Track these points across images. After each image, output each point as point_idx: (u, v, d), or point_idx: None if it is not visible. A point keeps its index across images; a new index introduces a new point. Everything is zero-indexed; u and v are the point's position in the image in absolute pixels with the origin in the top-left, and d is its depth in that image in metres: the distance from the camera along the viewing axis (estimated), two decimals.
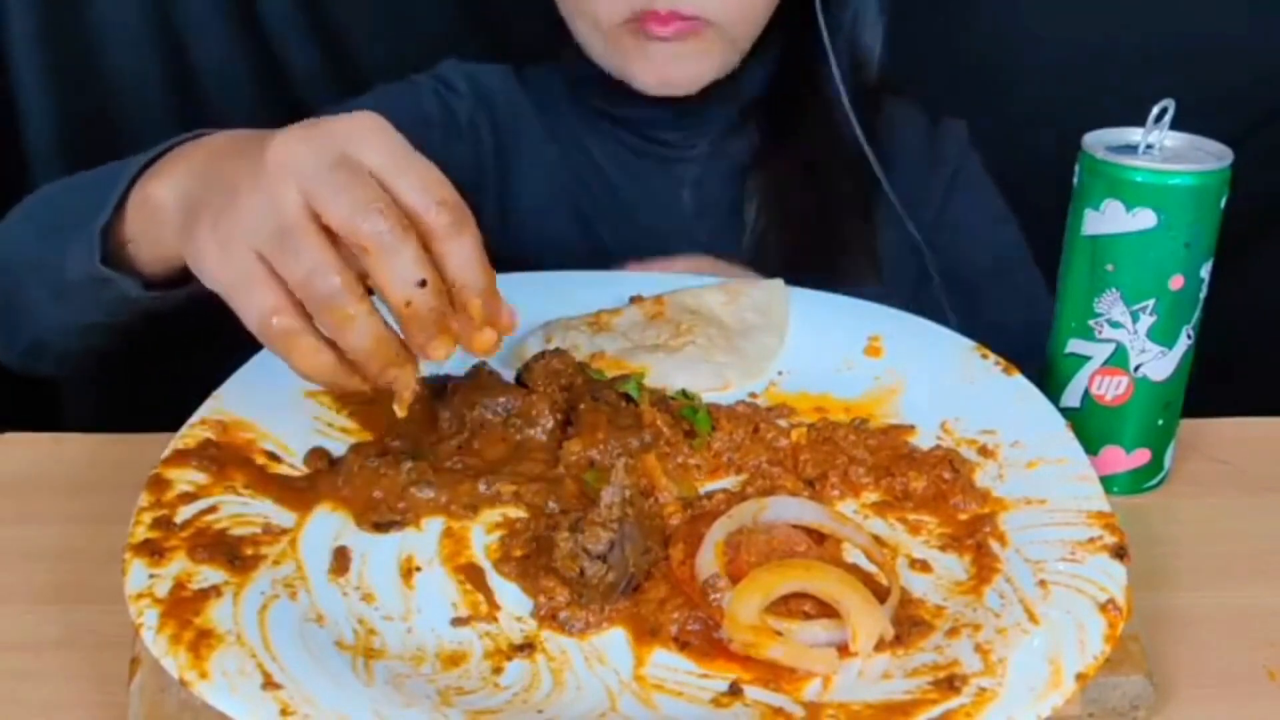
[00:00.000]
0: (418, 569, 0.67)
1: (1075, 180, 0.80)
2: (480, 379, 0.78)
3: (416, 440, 0.76)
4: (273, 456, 0.73)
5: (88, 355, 0.90)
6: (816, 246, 1.05)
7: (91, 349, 0.89)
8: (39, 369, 0.94)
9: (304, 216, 0.62)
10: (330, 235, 0.62)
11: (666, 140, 1.09)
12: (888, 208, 1.04)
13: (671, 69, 1.00)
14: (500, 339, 0.67)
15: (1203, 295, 0.79)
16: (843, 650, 0.62)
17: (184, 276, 0.73)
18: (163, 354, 0.89)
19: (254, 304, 0.63)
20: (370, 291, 0.63)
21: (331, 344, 0.64)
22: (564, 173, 1.10)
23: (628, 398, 0.78)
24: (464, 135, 1.11)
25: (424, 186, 0.63)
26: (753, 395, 0.82)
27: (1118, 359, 0.80)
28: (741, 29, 1.01)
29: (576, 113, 1.11)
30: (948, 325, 0.86)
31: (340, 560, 0.67)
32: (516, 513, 0.71)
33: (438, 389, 0.79)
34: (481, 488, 0.71)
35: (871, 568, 0.68)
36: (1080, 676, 0.59)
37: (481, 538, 0.69)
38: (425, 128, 1.08)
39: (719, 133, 1.09)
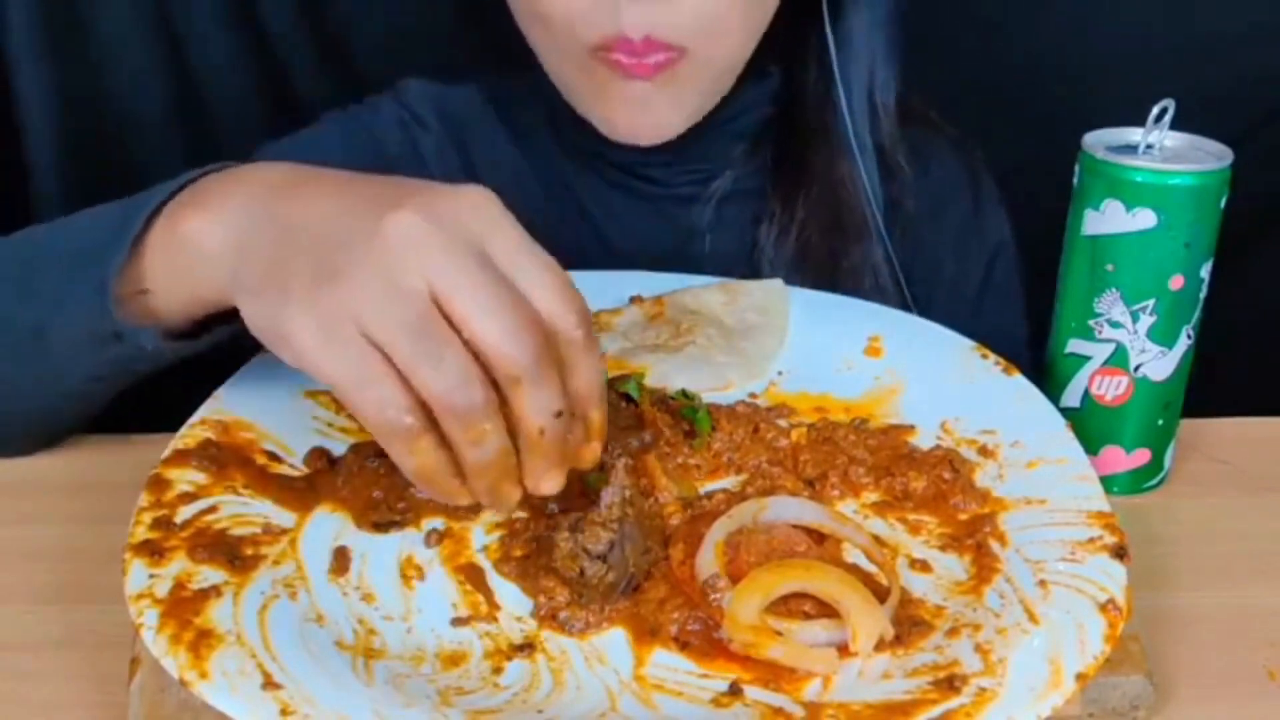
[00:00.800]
0: (418, 569, 0.67)
1: (1075, 180, 0.80)
2: None
3: None
4: (273, 456, 0.73)
5: (36, 425, 0.82)
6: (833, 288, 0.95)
7: (50, 419, 0.81)
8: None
9: (439, 318, 0.57)
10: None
11: (655, 179, 0.99)
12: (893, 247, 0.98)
13: (640, 115, 0.87)
14: (600, 449, 0.66)
15: (1203, 295, 0.79)
16: (842, 650, 0.62)
17: (203, 323, 0.68)
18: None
19: (375, 400, 0.58)
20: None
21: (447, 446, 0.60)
22: (548, 214, 0.99)
23: (628, 398, 0.78)
24: (432, 172, 1.00)
25: (560, 292, 0.60)
26: (753, 395, 0.82)
27: (1118, 359, 0.80)
28: (722, 59, 0.89)
29: (558, 144, 1.01)
30: None
31: (340, 560, 0.67)
32: (517, 512, 0.71)
33: None
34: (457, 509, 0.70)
35: (871, 568, 0.68)
36: (1080, 676, 0.59)
37: (481, 538, 0.69)
38: (387, 164, 0.91)
39: (721, 171, 0.99)
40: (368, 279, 0.57)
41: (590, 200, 1.01)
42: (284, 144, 1.00)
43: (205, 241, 0.64)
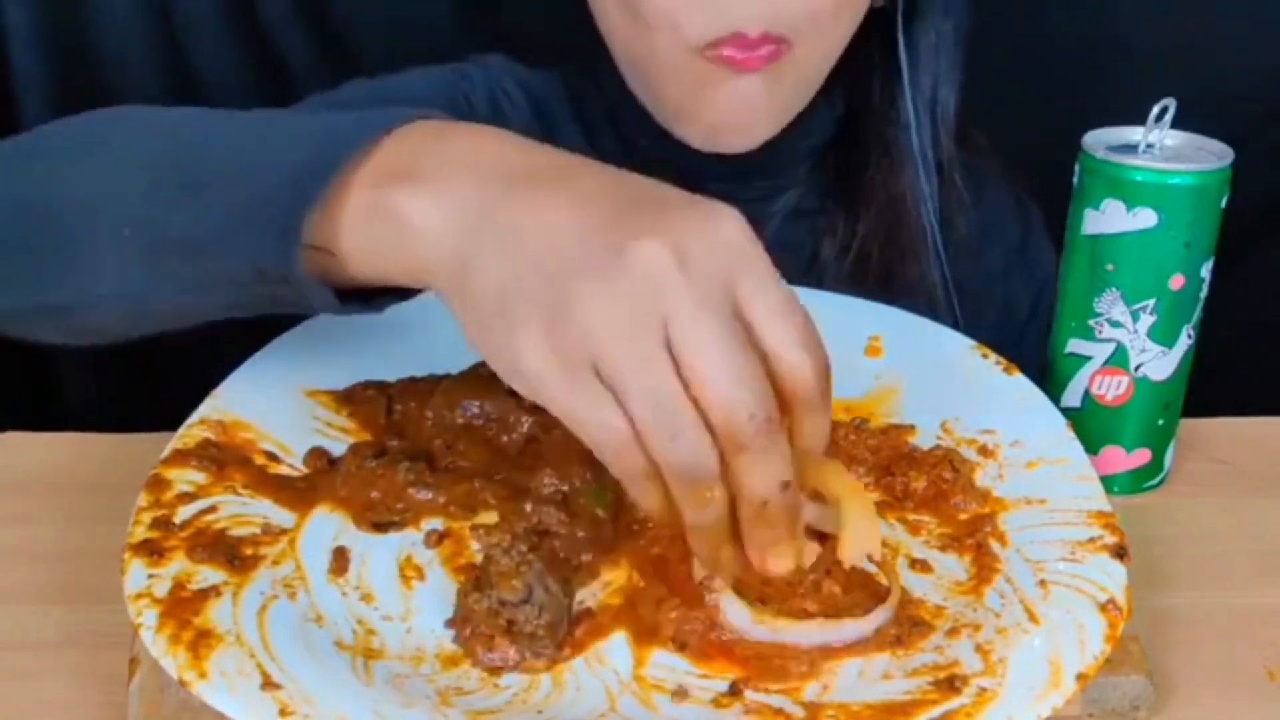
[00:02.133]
0: (417, 569, 0.67)
1: (1075, 180, 0.80)
2: (469, 379, 0.78)
3: (414, 440, 0.76)
4: (272, 456, 0.73)
5: (110, 334, 0.73)
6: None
7: (133, 329, 0.72)
8: (24, 329, 0.74)
9: (677, 382, 0.53)
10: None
11: (718, 193, 0.97)
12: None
13: (745, 114, 0.85)
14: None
15: (1203, 295, 0.79)
16: (839, 652, 0.62)
17: (373, 293, 0.63)
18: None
19: (614, 435, 0.55)
20: None
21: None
22: None
23: None
24: None
25: (807, 349, 0.56)
26: None
27: (1118, 359, 0.80)
28: (821, 55, 0.88)
29: (620, 148, 0.96)
30: None
31: (339, 560, 0.67)
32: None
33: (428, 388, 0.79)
34: (456, 511, 0.70)
35: (871, 568, 0.68)
36: (1080, 677, 0.59)
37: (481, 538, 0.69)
38: None
39: (785, 188, 0.97)
40: (606, 317, 0.53)
41: None
42: (366, 85, 0.96)
43: (421, 224, 0.58)
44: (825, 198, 0.99)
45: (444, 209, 0.57)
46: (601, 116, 0.98)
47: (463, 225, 0.57)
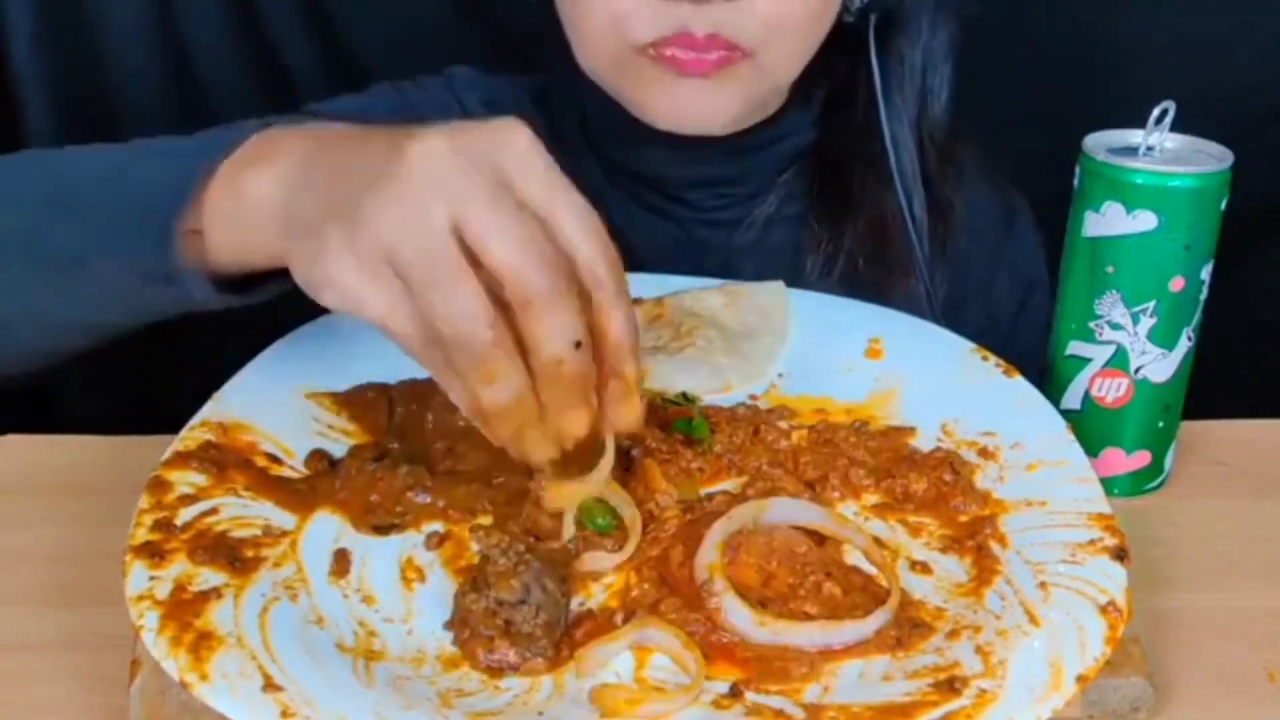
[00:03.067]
0: (418, 571, 0.67)
1: (1075, 182, 0.80)
2: None
3: (415, 443, 0.76)
4: (273, 459, 0.73)
5: (49, 356, 0.80)
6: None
7: (61, 351, 0.79)
8: None
9: (455, 250, 0.56)
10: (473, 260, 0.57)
11: (689, 201, 0.96)
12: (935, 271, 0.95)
13: (690, 104, 0.84)
14: (625, 386, 0.62)
15: (1203, 297, 0.79)
16: (839, 653, 0.62)
17: (248, 279, 0.68)
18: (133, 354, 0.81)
19: (404, 330, 0.58)
20: None
21: None
22: None
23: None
24: None
25: (591, 233, 0.59)
26: (753, 397, 0.82)
27: (1118, 361, 0.80)
28: (786, 62, 0.87)
29: (592, 154, 0.97)
30: None
31: (340, 562, 0.67)
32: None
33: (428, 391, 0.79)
34: (455, 515, 0.71)
35: (872, 570, 0.68)
36: (1081, 678, 0.59)
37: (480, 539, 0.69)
38: None
39: (759, 197, 0.96)
40: (391, 208, 0.57)
41: (620, 217, 0.95)
42: (330, 106, 0.98)
43: (259, 198, 0.64)
44: (809, 207, 0.97)
45: (278, 178, 0.64)
46: (574, 125, 0.98)
47: (290, 185, 0.63)
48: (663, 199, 0.96)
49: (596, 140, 0.97)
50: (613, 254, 0.59)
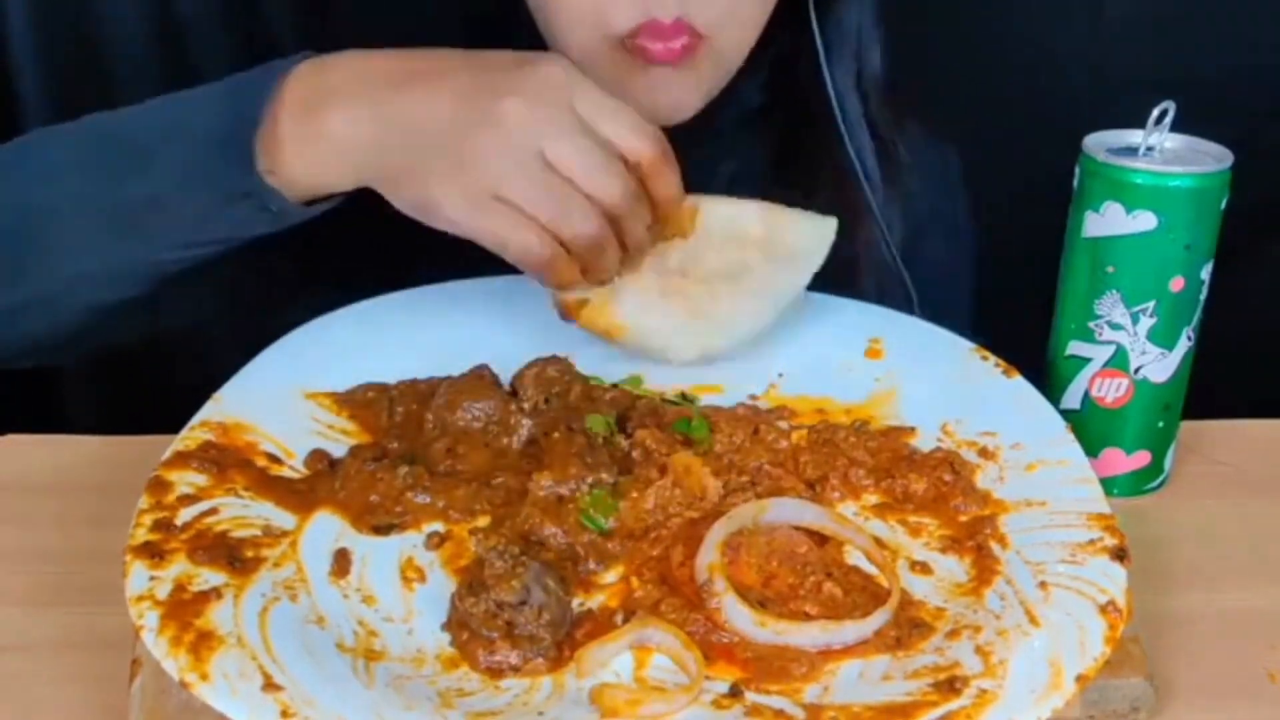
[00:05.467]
0: (418, 571, 0.67)
1: (1075, 182, 0.80)
2: (470, 382, 0.78)
3: (415, 443, 0.76)
4: (273, 458, 0.73)
5: (99, 318, 0.84)
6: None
7: (114, 308, 0.83)
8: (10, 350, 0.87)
9: (557, 178, 0.73)
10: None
11: None
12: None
13: (660, 96, 0.88)
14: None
15: (1203, 297, 0.79)
16: (839, 653, 0.62)
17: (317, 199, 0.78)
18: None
19: (522, 243, 0.73)
20: None
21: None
22: None
23: (620, 422, 0.78)
24: None
25: (637, 128, 0.75)
26: (753, 397, 0.82)
27: (1118, 361, 0.80)
28: (737, 45, 0.91)
29: None
30: None
31: (341, 562, 0.67)
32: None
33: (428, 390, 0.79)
34: (454, 515, 0.71)
35: (872, 570, 0.68)
36: (1080, 678, 0.59)
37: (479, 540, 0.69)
38: None
39: (720, 159, 0.99)
40: (496, 158, 0.72)
41: None
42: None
43: (342, 137, 0.75)
44: (768, 166, 1.01)
45: (355, 120, 0.75)
46: None
47: (372, 128, 0.75)
48: None
49: None
50: (655, 134, 0.76)
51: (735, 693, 0.60)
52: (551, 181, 0.73)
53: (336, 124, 0.75)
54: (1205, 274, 0.79)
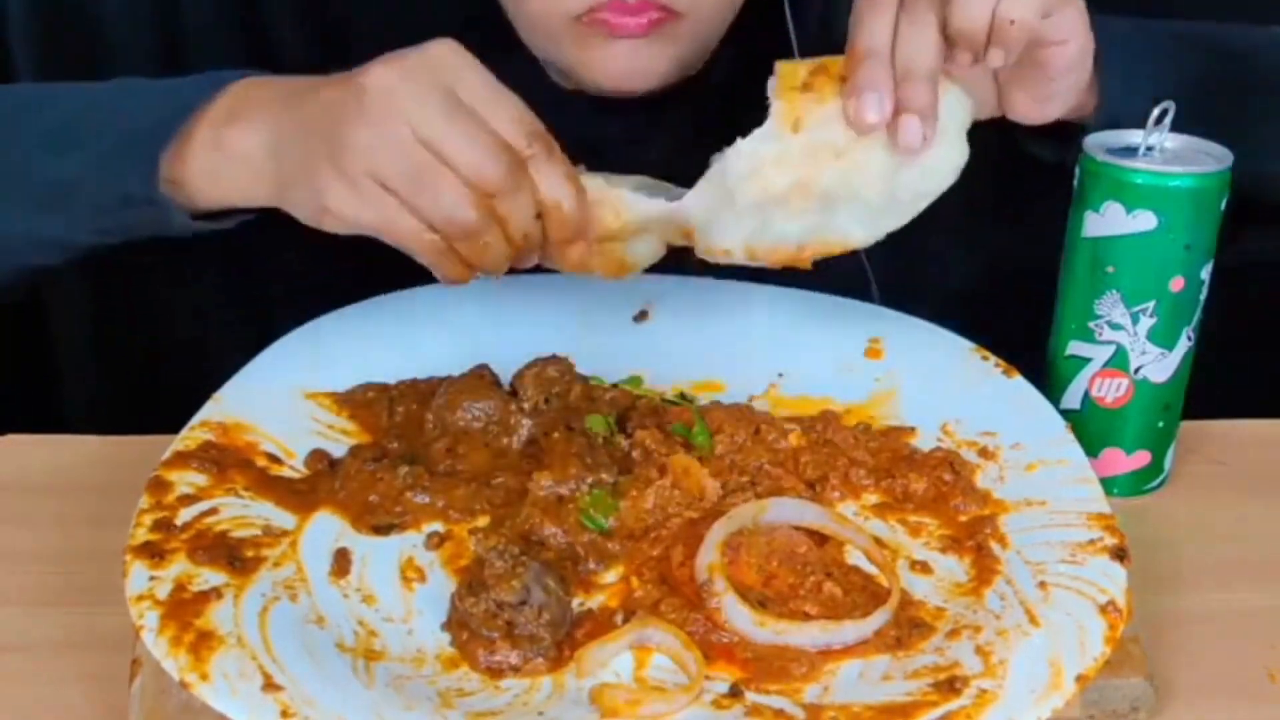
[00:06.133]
0: (418, 571, 0.67)
1: (1075, 182, 0.80)
2: (470, 382, 0.78)
3: (414, 442, 0.76)
4: (273, 458, 0.73)
5: (24, 274, 0.88)
6: None
7: (39, 268, 0.87)
8: None
9: (427, 155, 0.68)
10: None
11: (625, 157, 0.94)
12: None
13: (629, 63, 0.87)
14: (588, 248, 0.73)
15: (1203, 297, 0.79)
16: (839, 653, 0.62)
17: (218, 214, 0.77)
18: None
19: (407, 232, 0.69)
20: None
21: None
22: None
23: (620, 422, 0.77)
24: None
25: (516, 117, 0.70)
26: (753, 398, 0.82)
27: (1118, 361, 0.80)
28: (713, 21, 0.89)
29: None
30: None
31: (341, 562, 0.67)
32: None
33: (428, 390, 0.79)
34: (454, 515, 0.71)
35: (872, 569, 0.68)
36: (1080, 678, 0.59)
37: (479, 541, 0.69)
38: None
39: (678, 139, 0.97)
40: (361, 132, 0.68)
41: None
42: None
43: (245, 150, 0.73)
44: (735, 132, 0.98)
45: (255, 131, 0.73)
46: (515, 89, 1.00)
47: (267, 136, 0.73)
48: (597, 149, 0.96)
49: (534, 102, 0.98)
50: (532, 128, 0.70)
51: (735, 693, 0.60)
52: (421, 160, 0.68)
53: (238, 140, 0.74)
54: (1205, 274, 0.79)
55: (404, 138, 0.68)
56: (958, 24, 0.72)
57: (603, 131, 0.94)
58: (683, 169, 0.85)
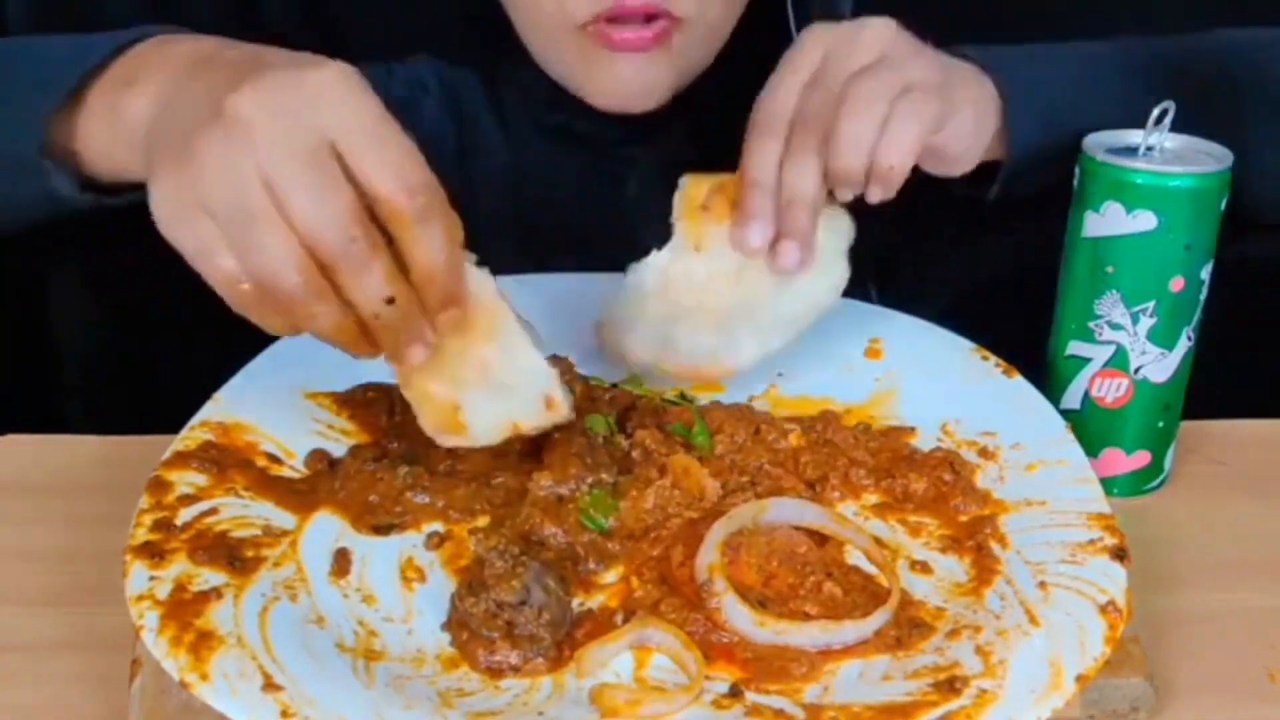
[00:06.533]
0: (418, 571, 0.67)
1: (1075, 182, 0.80)
2: None
3: (414, 442, 0.76)
4: (273, 458, 0.73)
5: None
6: None
7: None
8: None
9: (266, 202, 0.59)
10: None
11: (623, 156, 0.98)
12: None
13: (631, 83, 0.87)
14: (462, 314, 0.65)
15: (1203, 297, 0.79)
16: (839, 653, 0.62)
17: (119, 187, 0.71)
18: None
19: (218, 271, 0.61)
20: None
21: None
22: (516, 191, 0.99)
23: (620, 422, 0.77)
24: (429, 136, 1.00)
25: (396, 166, 0.61)
26: (753, 398, 0.82)
27: (1118, 361, 0.80)
28: (717, 27, 0.89)
29: (533, 124, 0.99)
30: None
31: (341, 562, 0.67)
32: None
33: None
34: (454, 515, 0.71)
35: (872, 569, 0.68)
36: (1080, 678, 0.59)
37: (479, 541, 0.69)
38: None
39: (678, 138, 0.98)
40: (208, 157, 0.60)
41: (553, 174, 0.98)
42: None
43: (134, 118, 0.67)
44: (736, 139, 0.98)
45: (147, 102, 0.67)
46: (517, 99, 0.99)
47: (156, 107, 0.66)
48: (596, 157, 0.98)
49: (539, 110, 0.97)
50: (417, 180, 0.61)
51: (735, 693, 0.60)
52: (255, 202, 0.59)
53: (134, 102, 0.67)
54: (1205, 274, 0.79)
55: (244, 172, 0.59)
56: (835, 166, 0.74)
57: (603, 132, 0.95)
58: (681, 171, 0.86)
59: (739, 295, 0.78)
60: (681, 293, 0.79)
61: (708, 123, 0.98)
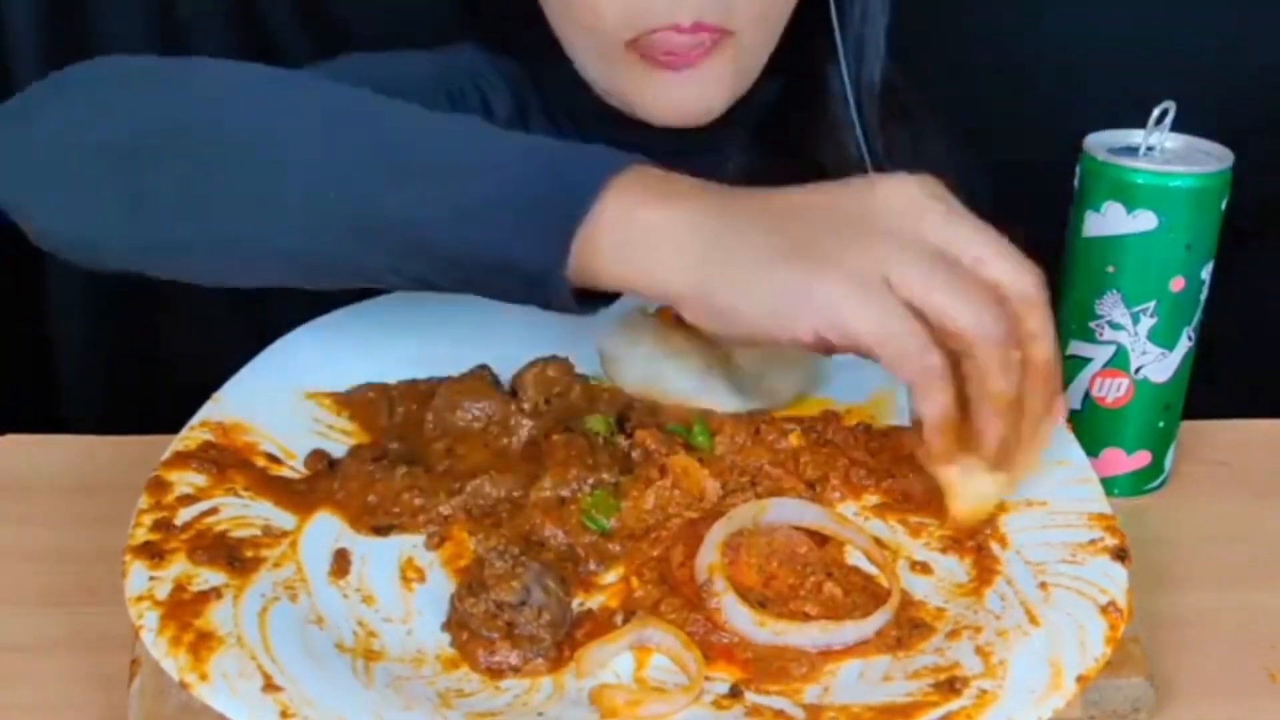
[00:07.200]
0: (418, 571, 0.67)
1: (1076, 182, 0.80)
2: (470, 382, 0.78)
3: (415, 443, 0.76)
4: (273, 459, 0.73)
5: (227, 279, 0.76)
6: None
7: (269, 279, 0.73)
8: (137, 263, 0.74)
9: (958, 264, 0.62)
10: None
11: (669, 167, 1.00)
12: None
13: (683, 95, 0.86)
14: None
15: (1203, 297, 0.79)
16: (839, 654, 0.62)
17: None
18: None
19: (914, 346, 0.62)
20: None
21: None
22: None
23: (620, 422, 0.77)
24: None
25: (1019, 268, 0.63)
26: None
27: (1118, 361, 0.80)
28: (763, 40, 0.89)
29: (579, 135, 0.97)
30: None
31: (340, 562, 0.67)
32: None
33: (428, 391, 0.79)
34: (445, 511, 0.70)
35: (872, 570, 0.68)
36: (1081, 679, 0.59)
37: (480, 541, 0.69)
38: (465, 110, 0.94)
39: (732, 157, 0.98)
40: (882, 239, 0.62)
41: None
42: (369, 59, 0.96)
43: (661, 229, 0.65)
44: (776, 156, 0.98)
45: (679, 220, 0.65)
46: (561, 105, 0.98)
47: (699, 228, 0.64)
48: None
49: (582, 123, 0.97)
50: (1039, 281, 0.64)
51: (735, 693, 0.60)
52: (949, 266, 0.62)
53: (654, 218, 0.65)
54: (1205, 274, 0.79)
55: (927, 243, 0.62)
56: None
57: (648, 145, 0.94)
58: (736, 184, 0.86)
59: (719, 354, 0.79)
60: (670, 335, 0.79)
61: (762, 136, 0.98)
